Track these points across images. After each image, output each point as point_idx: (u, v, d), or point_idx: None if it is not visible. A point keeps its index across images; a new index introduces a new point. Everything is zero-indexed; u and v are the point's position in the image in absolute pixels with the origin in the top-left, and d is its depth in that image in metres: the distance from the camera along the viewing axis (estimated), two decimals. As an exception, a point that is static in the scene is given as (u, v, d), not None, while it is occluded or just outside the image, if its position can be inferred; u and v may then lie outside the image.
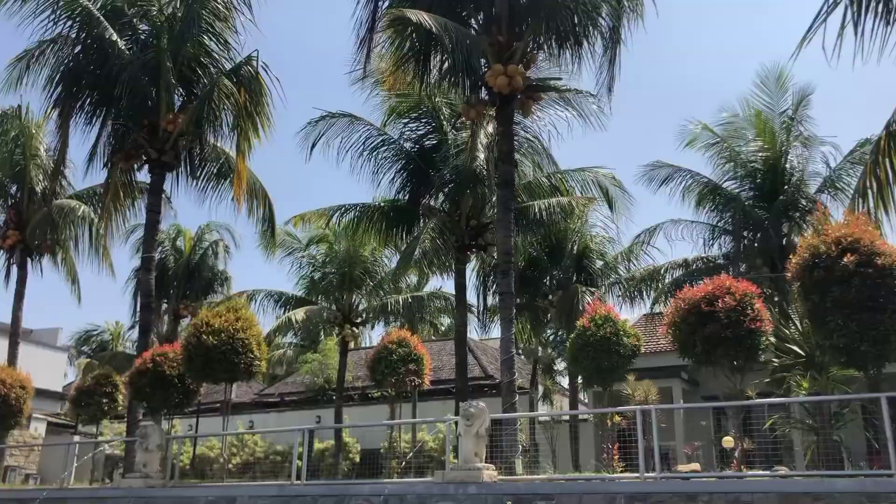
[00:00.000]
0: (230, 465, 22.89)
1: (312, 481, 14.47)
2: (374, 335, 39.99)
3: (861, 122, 47.17)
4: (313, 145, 20.38)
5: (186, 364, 16.47)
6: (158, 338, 29.32)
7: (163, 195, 20.98)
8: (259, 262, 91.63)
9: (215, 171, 22.06)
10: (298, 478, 13.78)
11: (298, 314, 25.00)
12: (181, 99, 21.04)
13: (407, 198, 22.50)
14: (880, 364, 11.14)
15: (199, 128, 20.69)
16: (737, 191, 21.95)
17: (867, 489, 9.51)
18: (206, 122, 20.58)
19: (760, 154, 21.73)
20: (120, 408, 21.34)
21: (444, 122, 22.16)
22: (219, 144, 21.91)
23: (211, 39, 20.89)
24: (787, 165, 21.47)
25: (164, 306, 33.18)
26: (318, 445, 25.32)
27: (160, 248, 31.47)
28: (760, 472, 10.93)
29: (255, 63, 19.79)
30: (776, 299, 17.97)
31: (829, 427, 11.95)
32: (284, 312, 26.05)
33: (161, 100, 19.71)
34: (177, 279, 33.10)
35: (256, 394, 33.75)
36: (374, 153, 21.75)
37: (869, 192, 11.96)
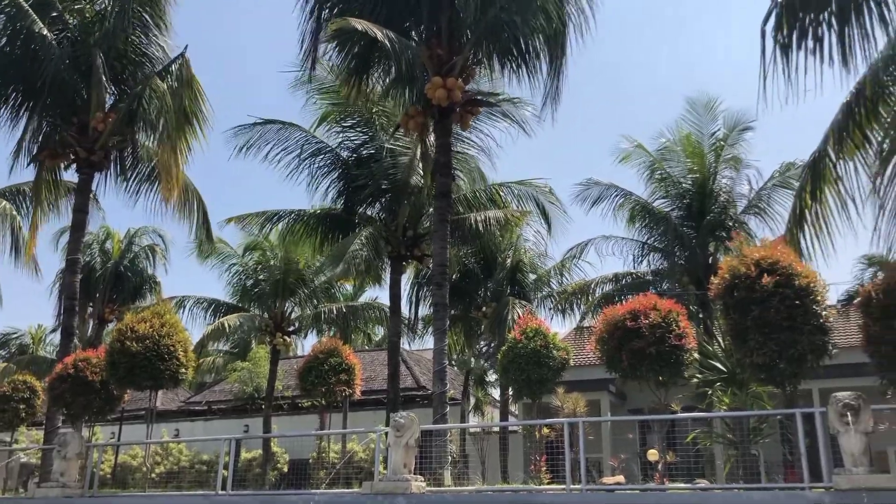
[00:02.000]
0: (153, 475, 22.28)
1: (238, 492, 14.20)
2: (306, 344, 39.59)
3: (799, 144, 49.02)
4: (245, 150, 20.25)
5: (110, 370, 16.02)
6: (82, 342, 28.37)
7: (91, 196, 20.39)
8: (191, 268, 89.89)
9: (147, 172, 21.55)
10: (224, 488, 13.51)
11: (231, 320, 24.60)
12: (112, 97, 20.51)
13: (343, 206, 22.42)
14: (796, 381, 11.58)
15: (130, 127, 20.16)
16: (667, 209, 22.57)
17: (781, 502, 9.85)
18: (137, 121, 20.08)
19: (690, 175, 22.41)
20: (38, 414, 20.58)
21: (382, 133, 22.20)
22: (151, 145, 21.41)
23: (142, 37, 20.44)
24: (715, 187, 22.18)
25: (90, 310, 32.16)
26: (245, 455, 24.88)
27: (88, 251, 30.55)
28: (682, 486, 11.20)
29: (187, 62, 19.38)
30: (701, 316, 18.50)
31: (748, 441, 12.35)
32: (215, 319, 25.59)
33: (91, 97, 19.18)
34: (104, 282, 32.11)
35: (183, 401, 32.99)
36: (311, 161, 21.67)
37: (801, 220, 12.38)
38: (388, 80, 18.45)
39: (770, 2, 11.50)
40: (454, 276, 23.26)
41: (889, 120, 11.03)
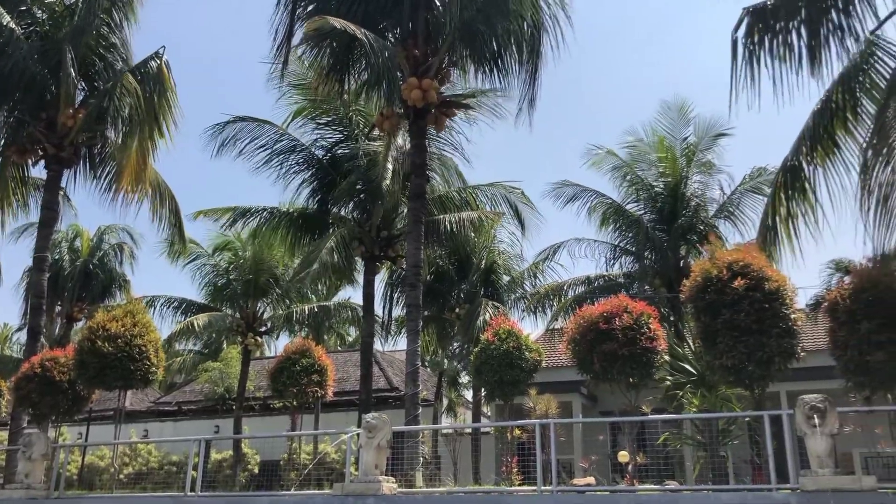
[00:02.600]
0: (121, 476, 22.01)
1: (208, 493, 14.07)
2: (279, 345, 39.32)
3: (772, 150, 49.57)
4: (220, 149, 20.08)
5: (78, 369, 15.80)
6: (49, 341, 27.95)
7: (61, 193, 20.08)
8: (162, 268, 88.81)
9: (116, 170, 21.25)
10: (193, 489, 13.39)
11: (200, 319, 24.36)
12: (83, 93, 20.22)
13: (317, 206, 22.33)
14: (765, 384, 11.73)
15: (100, 124, 19.87)
16: (639, 213, 22.75)
17: (749, 503, 9.97)
18: (108, 118, 19.78)
19: (662, 179, 22.61)
20: (3, 414, 20.23)
21: (357, 132, 22.13)
22: (122, 142, 21.10)
23: (113, 32, 20.18)
24: (687, 191, 22.40)
25: (58, 309, 31.70)
26: (215, 456, 24.65)
27: (56, 249, 30.12)
28: (651, 487, 11.29)
29: (161, 59, 19.16)
30: (672, 319, 18.67)
31: (717, 443, 12.49)
32: (186, 319, 25.33)
33: (61, 93, 18.89)
34: (72, 281, 31.66)
35: (153, 402, 32.62)
36: (284, 159, 21.54)
37: (773, 225, 12.54)
38: (363, 79, 18.39)
39: (741, 10, 11.67)
40: (428, 278, 23.25)
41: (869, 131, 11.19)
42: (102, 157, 21.13)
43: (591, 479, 13.20)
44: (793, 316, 11.58)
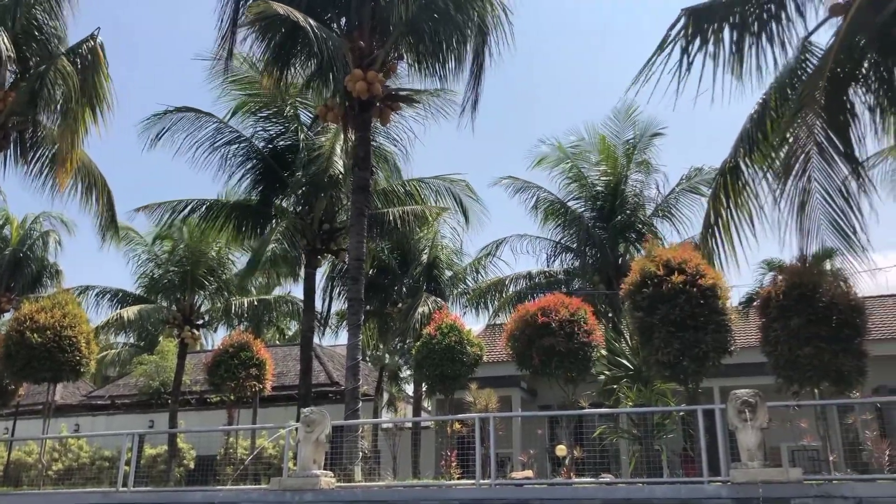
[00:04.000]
0: (50, 472, 21.36)
1: (140, 488, 13.77)
2: (216, 338, 38.63)
3: (711, 151, 50.79)
4: (156, 139, 19.63)
5: (5, 362, 15.31)
6: (-26, 333, 26.93)
7: (-12, 178, 19.33)
8: (98, 257, 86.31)
9: (49, 155, 20.53)
10: (125, 485, 13.08)
11: (131, 312, 23.75)
12: (13, 76, 19.47)
13: (258, 198, 21.99)
14: (699, 379, 12.01)
15: (32, 108, 19.14)
16: (580, 210, 23.05)
17: (682, 496, 10.18)
18: (40, 102, 19.06)
19: (603, 178, 22.93)
20: (-77, 408, 19.42)
21: (299, 124, 21.87)
22: (54, 127, 20.39)
23: (48, 15, 19.46)
24: (627, 189, 22.77)
25: (-16, 299, 30.51)
26: (150, 451, 24.10)
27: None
28: (587, 480, 11.45)
29: (95, 41, 18.53)
30: (610, 315, 18.97)
31: (652, 437, 12.74)
32: (116, 311, 24.66)
33: (-10, 75, 18.16)
34: (0, 270, 30.53)
35: (84, 395, 31.69)
36: (224, 151, 21.16)
37: (714, 226, 12.81)
38: (308, 70, 18.15)
39: (680, 10, 11.88)
40: (370, 272, 23.14)
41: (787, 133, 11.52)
42: (34, 142, 20.37)
43: (529, 473, 13.37)
44: (727, 313, 11.88)
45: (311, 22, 15.56)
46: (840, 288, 11.56)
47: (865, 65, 11.77)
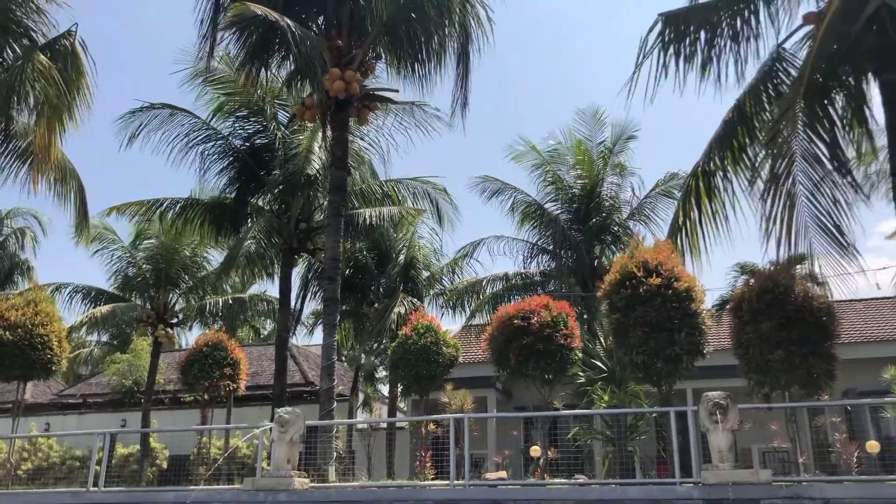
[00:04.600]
0: (19, 471, 21.08)
1: (111, 488, 13.64)
2: (190, 337, 38.28)
3: (684, 154, 51.16)
4: (132, 137, 19.46)
5: (-26, 360, 15.06)
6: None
7: (-42, 174, 18.98)
8: (73, 255, 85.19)
9: (21, 149, 20.25)
10: (96, 485, 12.95)
11: (103, 310, 23.49)
12: (-14, 72, 19.17)
13: (235, 196, 21.86)
14: (672, 381, 12.12)
15: (6, 102, 18.86)
16: (556, 212, 23.16)
17: (654, 496, 10.28)
18: (13, 96, 18.79)
19: (579, 181, 23.07)
20: None
21: (277, 123, 21.76)
22: (29, 122, 20.11)
23: (24, 8, 19.19)
24: (602, 192, 22.92)
25: (-46, 296, 30.05)
26: (122, 450, 23.86)
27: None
28: (562, 481, 11.52)
29: (73, 37, 18.31)
30: (585, 317, 19.07)
31: (626, 438, 12.84)
32: (89, 310, 24.38)
33: (-38, 68, 17.88)
34: (-30, 267, 30.14)
35: (56, 394, 31.28)
36: (200, 148, 21.01)
37: (682, 228, 12.93)
38: (286, 70, 18.07)
39: (657, 15, 12.00)
40: (347, 272, 23.07)
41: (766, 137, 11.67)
42: (7, 136, 20.08)
43: (503, 474, 13.41)
44: (701, 315, 12.00)
45: (289, 21, 15.50)
46: (811, 292, 11.71)
47: (842, 73, 11.93)
